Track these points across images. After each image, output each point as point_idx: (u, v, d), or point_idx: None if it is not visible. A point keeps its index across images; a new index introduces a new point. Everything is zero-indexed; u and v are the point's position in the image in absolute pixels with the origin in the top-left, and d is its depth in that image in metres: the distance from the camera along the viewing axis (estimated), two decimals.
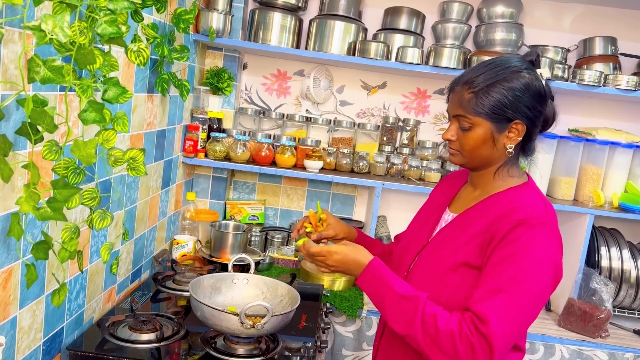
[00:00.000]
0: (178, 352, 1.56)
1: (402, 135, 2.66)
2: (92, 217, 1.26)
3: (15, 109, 1.10)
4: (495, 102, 1.26)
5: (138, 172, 1.29)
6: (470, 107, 1.28)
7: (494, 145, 1.30)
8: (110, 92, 1.18)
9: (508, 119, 1.27)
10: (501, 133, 1.29)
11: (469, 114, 1.28)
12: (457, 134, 1.33)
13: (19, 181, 1.16)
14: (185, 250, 2.28)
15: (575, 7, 2.59)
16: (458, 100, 1.31)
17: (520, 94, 1.26)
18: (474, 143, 1.30)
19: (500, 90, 1.26)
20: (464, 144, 1.32)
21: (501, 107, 1.26)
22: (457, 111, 1.32)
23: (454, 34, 2.47)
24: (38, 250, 1.15)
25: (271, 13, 2.43)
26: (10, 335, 1.23)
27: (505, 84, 1.26)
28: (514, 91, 1.26)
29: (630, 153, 2.43)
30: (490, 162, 1.34)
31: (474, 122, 1.28)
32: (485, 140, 1.29)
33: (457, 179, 1.54)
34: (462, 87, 1.30)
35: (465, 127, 1.30)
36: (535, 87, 1.27)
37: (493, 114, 1.27)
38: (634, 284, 2.39)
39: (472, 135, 1.30)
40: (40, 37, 0.94)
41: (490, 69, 1.28)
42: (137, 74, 1.74)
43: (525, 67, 1.29)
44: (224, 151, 2.41)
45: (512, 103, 1.26)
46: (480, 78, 1.27)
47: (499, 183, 1.35)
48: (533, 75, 1.29)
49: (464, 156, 1.34)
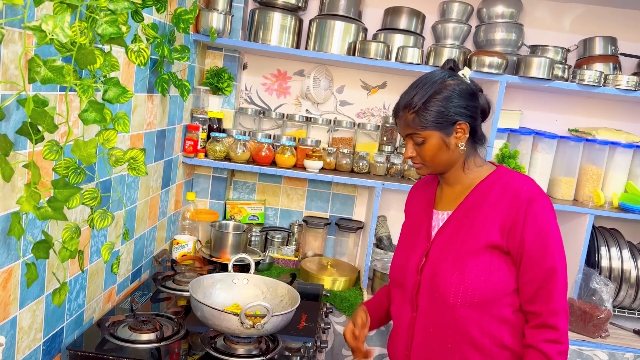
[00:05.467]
0: (178, 352, 1.56)
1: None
2: (92, 216, 1.26)
3: (16, 108, 1.10)
4: (435, 114, 1.41)
5: (139, 172, 1.29)
6: (417, 124, 1.43)
7: (448, 149, 1.45)
8: (111, 92, 1.18)
9: (451, 122, 1.42)
10: (450, 136, 1.44)
11: (418, 131, 1.44)
12: (415, 150, 1.48)
13: (19, 181, 1.16)
14: (185, 250, 2.28)
15: (575, 7, 2.59)
16: (404, 122, 1.46)
17: (453, 99, 1.41)
18: (431, 153, 1.45)
19: (435, 102, 1.41)
20: (424, 156, 1.47)
21: (442, 116, 1.41)
22: (407, 131, 1.47)
23: (454, 34, 2.47)
24: (39, 250, 1.15)
25: (271, 13, 2.43)
26: (10, 335, 1.23)
27: (437, 96, 1.41)
28: (447, 99, 1.41)
29: (630, 153, 2.43)
30: (452, 162, 1.48)
31: (424, 135, 1.44)
32: (440, 147, 1.45)
33: (425, 186, 1.66)
34: (404, 111, 1.45)
35: (419, 142, 1.45)
36: (463, 89, 1.43)
37: (437, 124, 1.42)
38: (634, 284, 2.39)
39: (428, 147, 1.45)
40: (41, 37, 0.94)
41: (420, 87, 1.44)
42: (137, 74, 1.74)
43: (447, 75, 1.45)
44: (224, 151, 2.41)
45: (449, 109, 1.41)
46: (415, 98, 1.43)
47: (474, 174, 1.51)
48: (457, 79, 1.45)
49: (428, 166, 1.49)
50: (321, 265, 2.45)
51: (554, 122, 2.64)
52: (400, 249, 1.62)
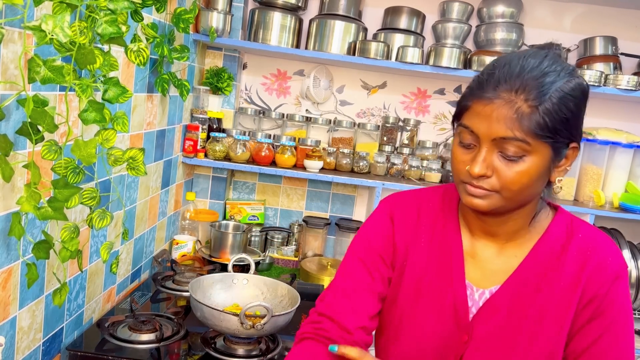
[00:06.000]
0: (178, 353, 1.55)
1: (402, 135, 2.66)
2: (91, 216, 1.26)
3: (15, 108, 1.10)
4: (567, 119, 0.90)
5: (138, 171, 1.28)
6: (531, 126, 0.88)
7: (546, 180, 0.96)
8: (111, 92, 1.18)
9: (568, 141, 0.94)
10: (558, 162, 0.95)
11: (527, 137, 0.88)
12: (495, 167, 0.92)
13: (18, 181, 1.16)
14: (185, 251, 2.27)
15: (575, 6, 2.59)
16: (507, 115, 0.88)
17: (583, 106, 0.94)
18: (527, 180, 0.91)
19: (572, 101, 0.91)
20: (512, 181, 0.91)
21: (568, 126, 0.91)
22: (504, 132, 0.89)
23: (454, 34, 2.47)
24: (39, 250, 1.14)
25: (271, 13, 2.43)
26: (9, 335, 1.23)
27: (570, 92, 0.91)
28: (583, 104, 0.94)
29: (630, 153, 2.43)
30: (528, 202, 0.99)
31: (532, 148, 0.89)
32: (541, 174, 0.93)
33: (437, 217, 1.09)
34: (516, 96, 0.89)
35: (516, 155, 0.90)
36: (586, 93, 0.95)
37: (558, 136, 0.90)
38: (635, 284, 2.39)
39: (526, 168, 0.90)
40: (41, 37, 0.94)
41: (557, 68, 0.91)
42: (137, 73, 1.74)
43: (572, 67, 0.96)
44: (224, 151, 2.40)
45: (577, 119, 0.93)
46: (548, 84, 0.89)
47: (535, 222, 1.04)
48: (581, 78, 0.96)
49: (505, 198, 0.93)
50: (321, 266, 2.45)
51: None
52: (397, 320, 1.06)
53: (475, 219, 1.03)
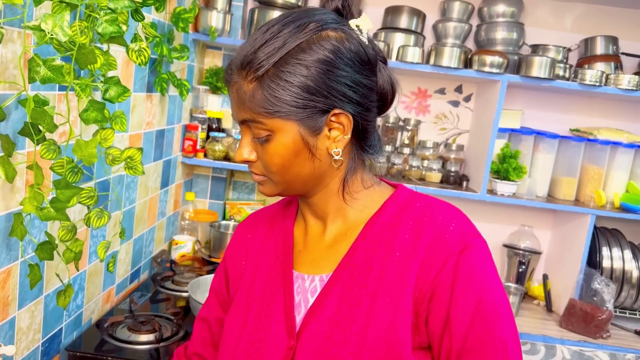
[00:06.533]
0: None
1: (402, 135, 2.65)
2: (89, 215, 1.25)
3: (15, 108, 1.09)
4: (297, 89, 0.80)
5: (135, 171, 1.28)
6: (258, 104, 0.81)
7: (313, 155, 0.85)
8: (112, 92, 1.17)
9: (322, 109, 0.82)
10: (318, 133, 0.84)
11: (260, 117, 0.82)
12: (253, 150, 0.87)
13: (18, 181, 1.15)
14: (185, 251, 2.27)
15: (576, 6, 2.58)
16: (238, 96, 0.84)
17: (332, 67, 0.81)
18: (281, 158, 0.84)
19: (300, 67, 0.80)
20: (269, 163, 0.85)
21: (308, 94, 0.81)
22: (242, 114, 0.84)
23: (454, 33, 2.46)
24: (42, 251, 1.14)
25: (271, 12, 2.42)
26: (9, 335, 1.23)
27: (304, 57, 0.80)
28: (320, 65, 0.80)
29: (631, 153, 2.42)
30: (318, 178, 0.88)
31: (271, 127, 0.82)
32: (297, 152, 0.84)
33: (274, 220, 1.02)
34: (239, 74, 0.83)
35: (261, 137, 0.84)
36: (351, 52, 0.83)
37: (298, 108, 0.81)
38: (636, 284, 2.38)
39: (276, 148, 0.83)
40: (40, 36, 0.93)
41: (275, 34, 0.81)
42: (136, 73, 1.73)
43: (330, 21, 0.84)
44: (224, 151, 2.39)
45: (324, 84, 0.81)
46: (261, 53, 0.80)
47: (362, 202, 0.92)
48: (343, 32, 0.84)
49: (276, 181, 0.88)
50: None
51: (555, 121, 2.63)
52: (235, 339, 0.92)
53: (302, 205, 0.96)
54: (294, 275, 0.92)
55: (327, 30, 0.82)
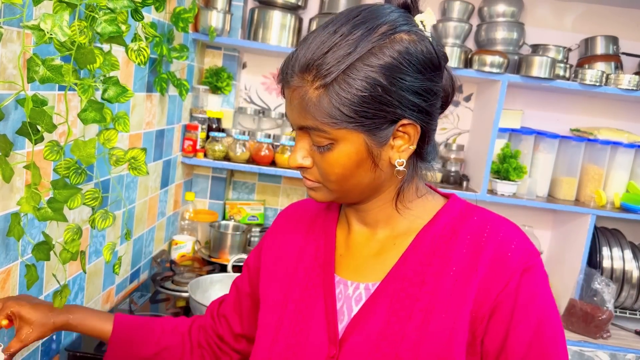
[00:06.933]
0: None
1: None
2: (94, 217, 1.25)
3: (14, 108, 1.09)
4: (364, 99, 0.75)
5: (139, 171, 1.27)
6: (323, 113, 0.76)
7: (376, 166, 0.81)
8: (111, 92, 1.17)
9: (390, 120, 0.78)
10: (383, 145, 0.80)
11: (323, 126, 0.77)
12: (311, 157, 0.83)
13: (17, 181, 1.15)
14: (184, 251, 2.26)
15: (576, 6, 2.58)
16: (298, 101, 0.78)
17: (401, 74, 0.76)
18: (341, 169, 0.80)
19: (369, 75, 0.75)
20: (327, 172, 0.81)
21: (377, 105, 0.76)
22: (302, 121, 0.80)
23: (455, 33, 2.46)
24: (39, 251, 1.13)
25: (271, 12, 2.42)
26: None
27: (375, 63, 0.74)
28: (391, 72, 0.75)
29: (632, 153, 2.42)
30: (375, 189, 0.85)
31: (334, 136, 0.78)
32: (360, 162, 0.79)
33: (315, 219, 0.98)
34: (302, 78, 0.77)
35: (322, 146, 0.79)
36: (423, 56, 0.78)
37: (365, 119, 0.76)
38: (636, 284, 2.38)
39: (337, 158, 0.79)
40: (40, 36, 0.93)
41: (344, 37, 0.75)
42: (136, 73, 1.73)
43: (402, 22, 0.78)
44: (223, 151, 2.39)
45: (392, 93, 0.76)
46: (331, 58, 0.75)
47: (415, 212, 0.88)
48: (415, 35, 0.78)
49: (332, 190, 0.84)
50: None
51: (555, 121, 2.63)
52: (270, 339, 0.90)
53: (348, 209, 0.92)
54: (335, 279, 0.88)
55: (399, 33, 0.77)
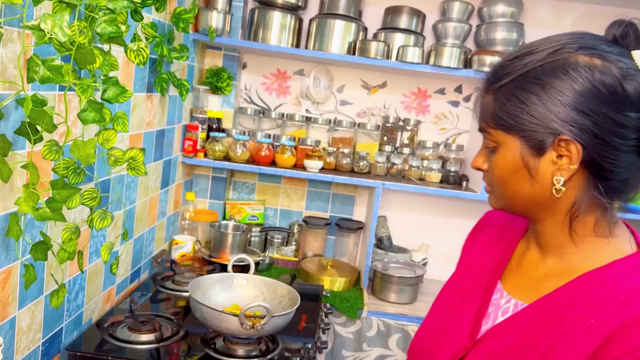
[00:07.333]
0: (177, 353, 1.55)
1: (402, 135, 2.65)
2: (92, 217, 1.25)
3: (14, 108, 1.10)
4: (523, 107, 0.80)
5: (138, 172, 1.28)
6: (489, 115, 0.85)
7: (532, 178, 0.83)
8: (110, 92, 1.18)
9: (549, 132, 0.79)
10: (539, 156, 0.81)
11: (488, 127, 0.86)
12: (485, 159, 0.90)
13: (18, 181, 1.15)
14: (185, 251, 2.27)
15: (576, 6, 2.59)
16: (480, 104, 0.89)
17: (570, 92, 0.78)
18: (500, 172, 0.86)
19: (533, 86, 0.80)
20: (492, 175, 0.89)
21: (533, 115, 0.79)
22: (480, 122, 0.89)
23: (454, 34, 2.47)
24: (37, 251, 1.14)
25: (271, 12, 2.42)
26: (9, 335, 1.23)
27: (542, 77, 0.79)
28: (553, 87, 0.79)
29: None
30: (539, 205, 0.86)
31: (495, 138, 0.85)
32: (515, 169, 0.84)
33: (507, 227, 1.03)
34: (486, 83, 0.87)
35: (489, 148, 0.88)
36: (603, 83, 0.77)
37: (520, 125, 0.81)
38: None
39: (498, 160, 0.86)
40: (40, 36, 0.93)
41: (528, 50, 0.82)
42: (137, 73, 1.73)
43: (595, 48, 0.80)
44: (224, 151, 2.40)
45: (554, 107, 0.78)
46: (508, 67, 0.82)
47: (589, 249, 0.85)
48: (601, 60, 0.79)
49: (498, 196, 0.90)
50: (321, 266, 2.44)
51: None
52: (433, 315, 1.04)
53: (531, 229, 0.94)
54: (497, 286, 0.95)
55: (580, 54, 0.79)
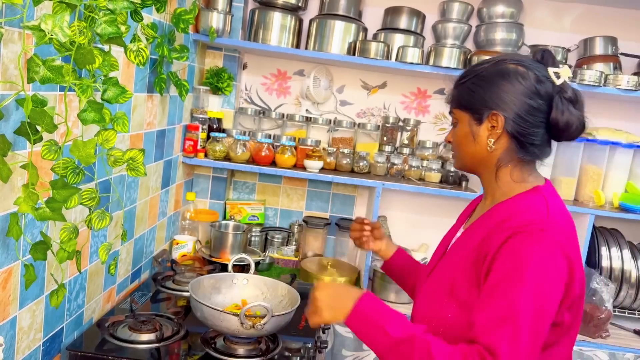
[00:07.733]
0: (178, 353, 1.55)
1: (402, 135, 2.66)
2: (90, 217, 1.25)
3: (15, 108, 1.10)
4: (472, 92, 1.20)
5: (137, 172, 1.28)
6: (453, 100, 1.25)
7: (474, 140, 1.21)
8: (110, 92, 1.18)
9: (486, 108, 1.18)
10: (479, 125, 1.20)
11: (452, 108, 1.26)
12: (452, 136, 1.29)
13: (18, 181, 1.16)
14: (185, 251, 2.27)
15: (575, 6, 2.59)
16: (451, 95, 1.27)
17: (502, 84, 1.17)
18: (457, 139, 1.25)
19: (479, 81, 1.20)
20: (454, 143, 1.28)
21: (477, 96, 1.19)
22: (450, 107, 1.28)
23: (454, 34, 2.47)
24: (37, 251, 1.14)
25: (271, 13, 2.43)
26: (9, 335, 1.23)
27: (483, 73, 1.20)
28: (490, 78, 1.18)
29: (630, 153, 2.43)
30: (477, 159, 1.24)
31: (456, 116, 1.25)
32: (466, 135, 1.23)
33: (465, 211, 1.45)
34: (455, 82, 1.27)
35: (454, 124, 1.27)
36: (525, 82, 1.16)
37: (469, 103, 1.21)
38: (635, 284, 2.39)
39: (457, 131, 1.25)
40: (40, 36, 0.94)
41: (482, 63, 1.23)
42: (137, 73, 1.74)
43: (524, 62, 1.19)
44: (224, 151, 2.40)
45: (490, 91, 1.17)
46: (467, 71, 1.24)
47: (504, 190, 1.22)
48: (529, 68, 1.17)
49: (456, 157, 1.30)
50: (321, 266, 2.45)
51: None
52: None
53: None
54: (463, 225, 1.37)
55: (513, 63, 1.18)
